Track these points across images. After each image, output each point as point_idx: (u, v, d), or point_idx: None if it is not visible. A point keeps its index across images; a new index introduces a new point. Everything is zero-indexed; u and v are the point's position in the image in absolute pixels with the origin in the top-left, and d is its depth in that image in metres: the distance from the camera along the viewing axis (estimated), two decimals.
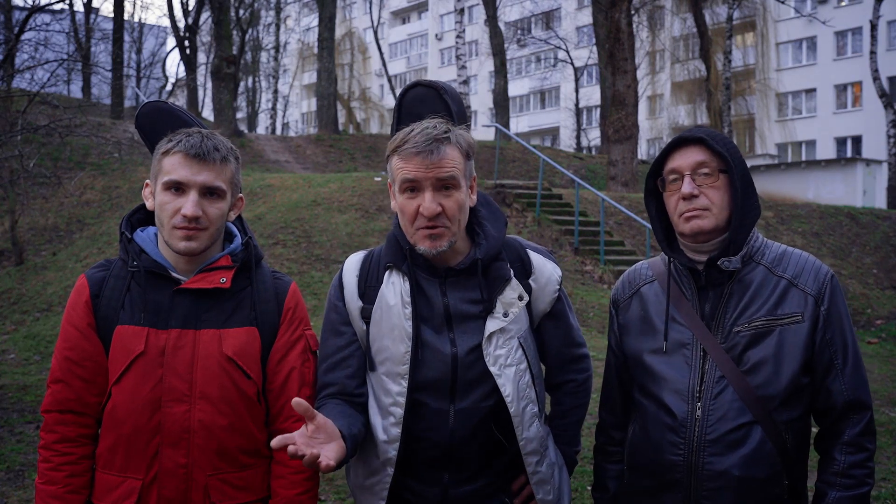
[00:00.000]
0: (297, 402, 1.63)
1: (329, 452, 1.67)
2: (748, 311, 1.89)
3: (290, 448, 1.59)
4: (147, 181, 2.00)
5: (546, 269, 2.05)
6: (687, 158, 1.91)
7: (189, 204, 1.86)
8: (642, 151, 33.35)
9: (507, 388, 1.93)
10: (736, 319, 1.89)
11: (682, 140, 1.94)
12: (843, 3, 35.84)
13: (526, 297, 1.99)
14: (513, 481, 2.08)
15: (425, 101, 2.08)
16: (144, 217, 2.07)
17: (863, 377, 1.89)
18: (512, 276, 1.99)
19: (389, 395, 1.96)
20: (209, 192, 1.90)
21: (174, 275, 1.93)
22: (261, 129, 44.59)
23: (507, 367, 1.94)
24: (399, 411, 1.94)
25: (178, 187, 1.88)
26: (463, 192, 1.92)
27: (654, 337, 1.99)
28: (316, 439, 1.68)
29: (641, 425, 2.01)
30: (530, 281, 2.03)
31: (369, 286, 2.01)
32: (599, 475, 2.19)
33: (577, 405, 2.17)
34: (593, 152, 32.85)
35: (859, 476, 1.84)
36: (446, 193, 1.89)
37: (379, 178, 14.55)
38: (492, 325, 1.94)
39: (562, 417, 2.16)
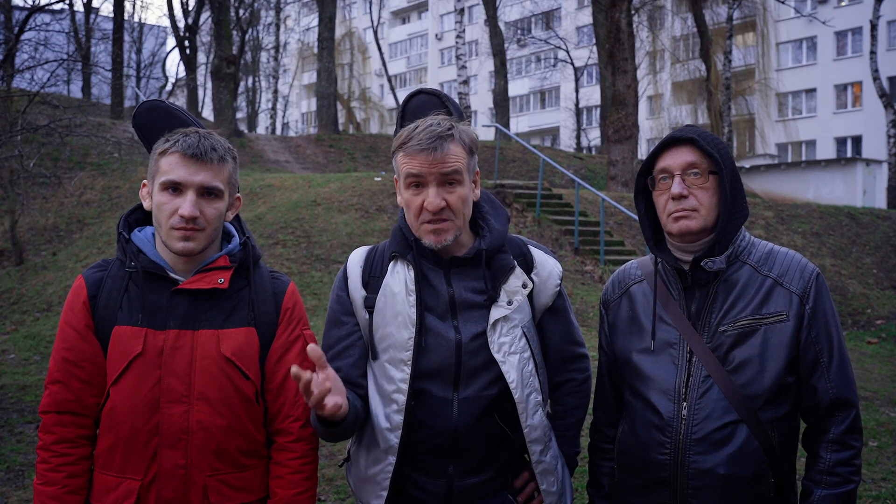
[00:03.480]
0: (312, 348, 1.72)
1: (336, 396, 1.76)
2: (733, 311, 1.90)
3: (304, 378, 1.68)
4: (144, 181, 1.99)
5: (548, 264, 2.09)
6: (677, 158, 1.91)
7: (187, 204, 1.86)
8: (642, 151, 33.25)
9: (511, 375, 1.95)
10: (721, 319, 1.90)
11: (673, 139, 1.94)
12: (843, 3, 35.83)
13: (530, 285, 2.02)
14: (516, 478, 2.09)
15: (428, 108, 2.11)
16: (142, 217, 2.06)
17: (849, 375, 1.89)
18: (516, 264, 2.02)
19: (392, 383, 1.97)
20: (207, 193, 1.90)
21: (172, 275, 1.93)
22: (261, 129, 44.61)
23: (512, 354, 1.96)
24: (402, 398, 1.95)
25: (175, 187, 1.88)
26: (466, 187, 1.95)
27: (641, 336, 2.00)
28: (325, 386, 1.75)
29: (630, 424, 2.02)
30: (532, 275, 2.06)
31: (373, 276, 2.05)
32: (594, 472, 2.21)
33: (577, 405, 2.19)
34: (593, 152, 32.87)
35: (844, 474, 1.85)
36: (450, 188, 1.92)
37: (379, 178, 14.54)
38: (496, 313, 1.97)
39: (562, 418, 2.18)
